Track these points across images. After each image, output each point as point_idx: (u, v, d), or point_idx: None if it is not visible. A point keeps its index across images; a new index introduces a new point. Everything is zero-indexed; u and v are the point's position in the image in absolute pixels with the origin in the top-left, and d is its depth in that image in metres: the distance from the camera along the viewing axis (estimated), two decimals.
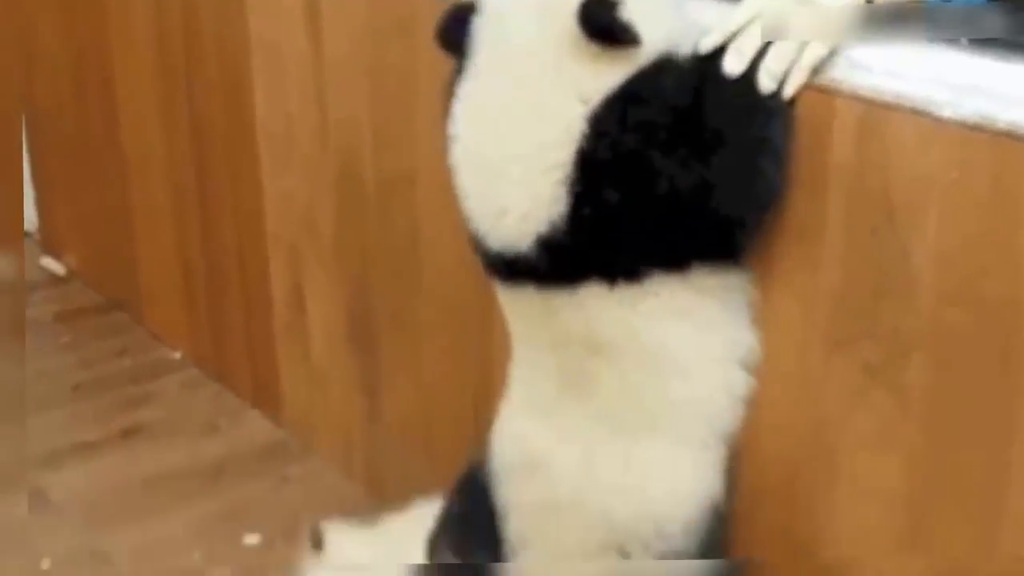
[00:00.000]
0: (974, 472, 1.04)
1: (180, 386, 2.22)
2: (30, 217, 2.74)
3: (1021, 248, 0.98)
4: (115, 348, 2.35)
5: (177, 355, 2.31)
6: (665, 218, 1.06)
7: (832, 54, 1.05)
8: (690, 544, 1.17)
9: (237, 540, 1.80)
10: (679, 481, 1.16)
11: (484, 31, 1.13)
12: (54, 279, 2.62)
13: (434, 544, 1.38)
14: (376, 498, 1.84)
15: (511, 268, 1.15)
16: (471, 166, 1.15)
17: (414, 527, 1.43)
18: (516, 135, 1.10)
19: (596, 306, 1.11)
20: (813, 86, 1.07)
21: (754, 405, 1.18)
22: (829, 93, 1.07)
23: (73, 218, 2.58)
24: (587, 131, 1.07)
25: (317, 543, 1.44)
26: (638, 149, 1.06)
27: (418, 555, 1.38)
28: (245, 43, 1.84)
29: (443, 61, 1.22)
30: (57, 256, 2.66)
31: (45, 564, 1.74)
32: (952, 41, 1.03)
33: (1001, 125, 0.97)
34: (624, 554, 1.18)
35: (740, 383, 1.15)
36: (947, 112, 1.00)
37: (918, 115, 1.02)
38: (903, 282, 1.05)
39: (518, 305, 1.20)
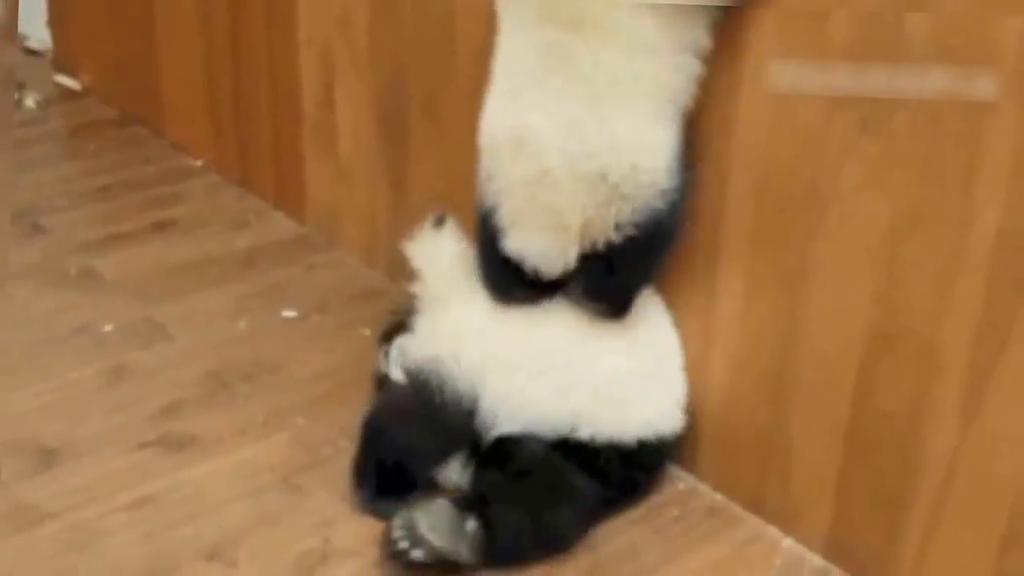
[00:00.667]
0: (945, 207, 1.30)
1: (204, 189, 2.45)
2: (43, 37, 2.94)
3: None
4: (138, 157, 2.57)
5: (199, 163, 2.53)
6: None
7: None
8: (673, 185, 1.45)
9: (276, 313, 2.04)
10: (652, 136, 1.43)
11: None
12: (71, 93, 2.82)
13: None
14: (397, 284, 2.09)
15: None
16: None
17: None
18: None
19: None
20: None
21: (756, 150, 1.45)
22: None
23: (89, 33, 2.77)
24: None
25: (440, 222, 1.68)
26: None
27: None
28: None
29: None
30: (72, 74, 2.85)
31: (107, 327, 1.98)
32: None
33: None
34: (626, 202, 1.45)
35: (694, 67, 1.42)
36: None
37: None
38: (893, 44, 1.30)
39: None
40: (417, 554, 1.45)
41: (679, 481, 1.67)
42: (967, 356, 1.32)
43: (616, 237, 1.47)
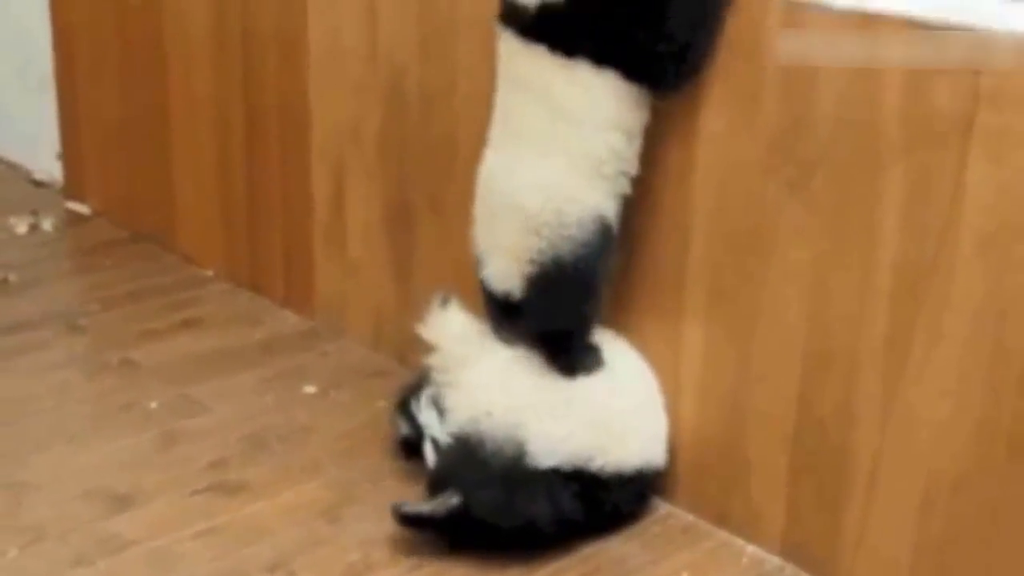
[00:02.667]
0: (854, 247, 1.83)
1: (218, 294, 2.95)
2: (50, 169, 3.46)
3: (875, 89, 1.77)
4: (153, 268, 3.07)
5: (210, 273, 3.03)
6: (627, 28, 1.87)
7: None
8: (586, 239, 1.96)
9: (298, 389, 2.53)
10: (572, 189, 1.96)
11: None
12: (81, 218, 3.33)
13: None
14: (405, 365, 2.59)
15: (509, 18, 1.95)
16: None
17: None
18: None
19: (540, 63, 1.92)
20: None
21: (709, 213, 1.99)
22: None
23: (100, 162, 3.29)
24: None
25: (445, 302, 2.16)
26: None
27: None
28: None
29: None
30: (81, 200, 3.37)
31: (152, 404, 2.47)
32: None
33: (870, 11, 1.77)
34: (541, 237, 1.96)
35: (623, 146, 1.95)
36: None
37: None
38: (810, 123, 1.85)
39: (503, 47, 1.99)
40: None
41: (659, 506, 2.16)
42: (880, 365, 1.84)
43: (529, 269, 1.99)
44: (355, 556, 2.03)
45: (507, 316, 2.09)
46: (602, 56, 1.90)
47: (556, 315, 2.05)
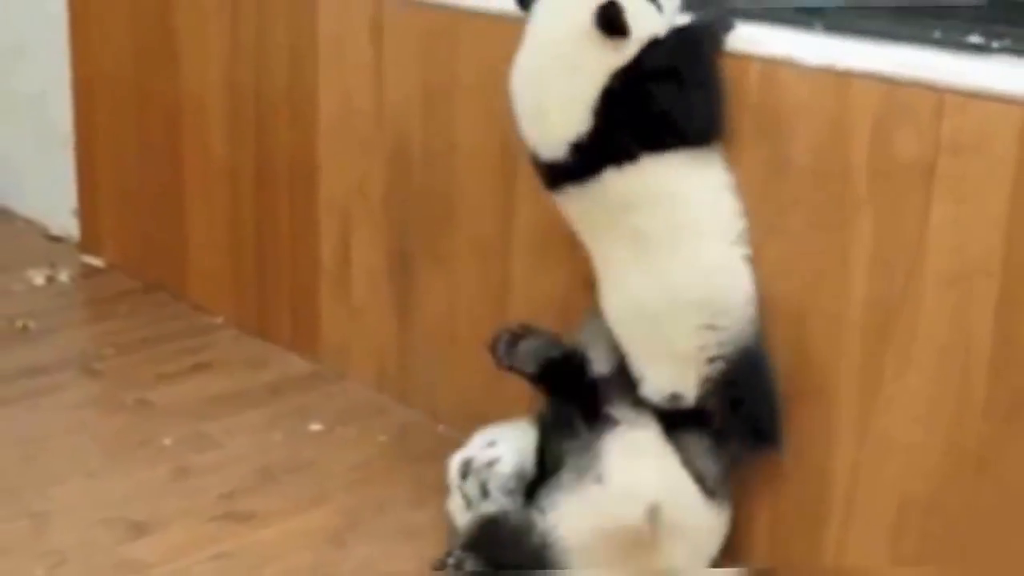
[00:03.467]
0: (830, 282, 1.95)
1: (227, 339, 3.05)
2: (65, 225, 3.57)
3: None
4: (165, 315, 3.16)
5: (219, 320, 3.13)
6: (651, 125, 1.97)
7: None
8: (745, 320, 1.98)
9: (305, 426, 2.62)
10: (723, 265, 1.99)
11: (541, 5, 2.01)
12: (96, 270, 3.44)
13: None
14: (406, 404, 2.69)
15: (554, 172, 2.02)
16: (532, 94, 2.03)
17: None
18: (558, 86, 1.99)
19: (613, 183, 1.98)
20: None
21: None
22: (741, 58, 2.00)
23: (115, 218, 3.40)
24: (610, 82, 1.95)
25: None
26: (646, 86, 1.95)
27: None
28: (313, 42, 2.71)
29: (479, 59, 2.15)
30: (96, 253, 3.48)
31: (167, 440, 2.56)
32: None
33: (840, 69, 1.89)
34: (710, 327, 1.97)
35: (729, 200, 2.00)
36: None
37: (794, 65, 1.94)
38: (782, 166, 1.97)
39: (573, 207, 2.05)
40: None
41: None
42: (855, 393, 1.95)
43: (710, 369, 2.01)
44: (366, 573, 2.13)
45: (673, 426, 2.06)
46: (653, 143, 1.97)
47: (763, 405, 2.03)
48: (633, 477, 2.04)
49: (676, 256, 1.98)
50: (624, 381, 2.07)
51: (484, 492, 2.13)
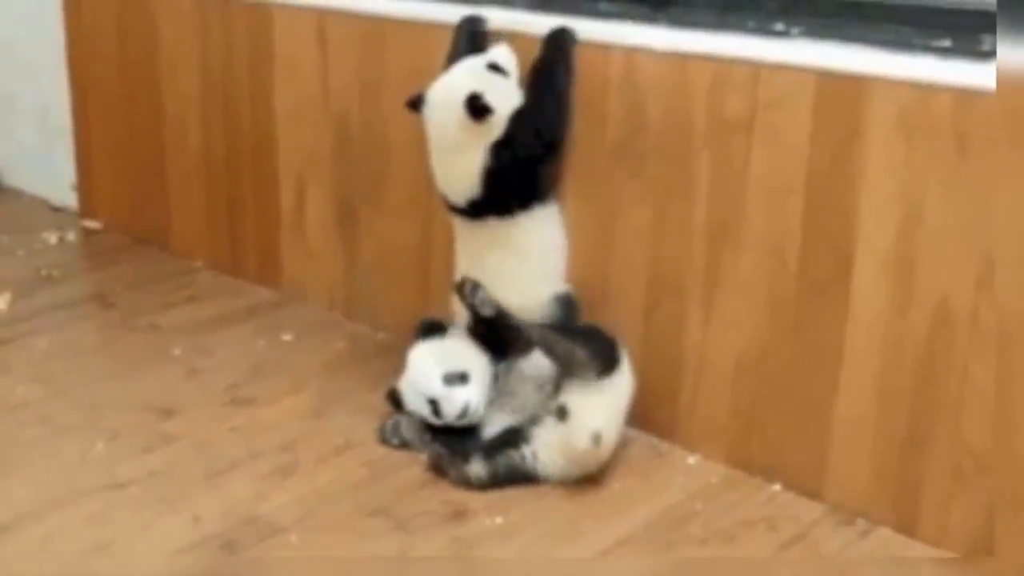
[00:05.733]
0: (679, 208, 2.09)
1: (208, 278, 3.05)
2: (64, 197, 3.54)
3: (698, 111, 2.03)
4: (156, 261, 3.15)
5: (199, 264, 3.15)
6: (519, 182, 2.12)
7: None
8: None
9: (279, 338, 2.67)
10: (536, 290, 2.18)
11: (430, 108, 2.14)
12: (94, 232, 3.42)
13: None
14: (351, 321, 2.77)
15: (458, 211, 2.18)
16: (439, 169, 2.18)
17: None
18: (452, 159, 2.14)
19: (491, 226, 2.15)
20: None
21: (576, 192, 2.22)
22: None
23: (108, 187, 3.39)
24: (488, 157, 2.09)
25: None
26: (513, 157, 2.09)
27: None
28: (270, 52, 2.76)
29: (403, 57, 2.28)
30: (92, 217, 3.47)
31: (176, 351, 2.60)
32: None
33: (681, 52, 2.03)
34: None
35: (559, 257, 2.20)
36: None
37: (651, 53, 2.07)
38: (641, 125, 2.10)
39: (459, 227, 2.23)
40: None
41: None
42: (700, 287, 2.09)
43: None
44: (339, 440, 2.21)
45: None
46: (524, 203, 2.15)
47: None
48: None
49: (515, 287, 2.16)
50: None
51: (464, 379, 2.14)
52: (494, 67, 2.14)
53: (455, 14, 2.32)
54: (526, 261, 2.18)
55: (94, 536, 1.89)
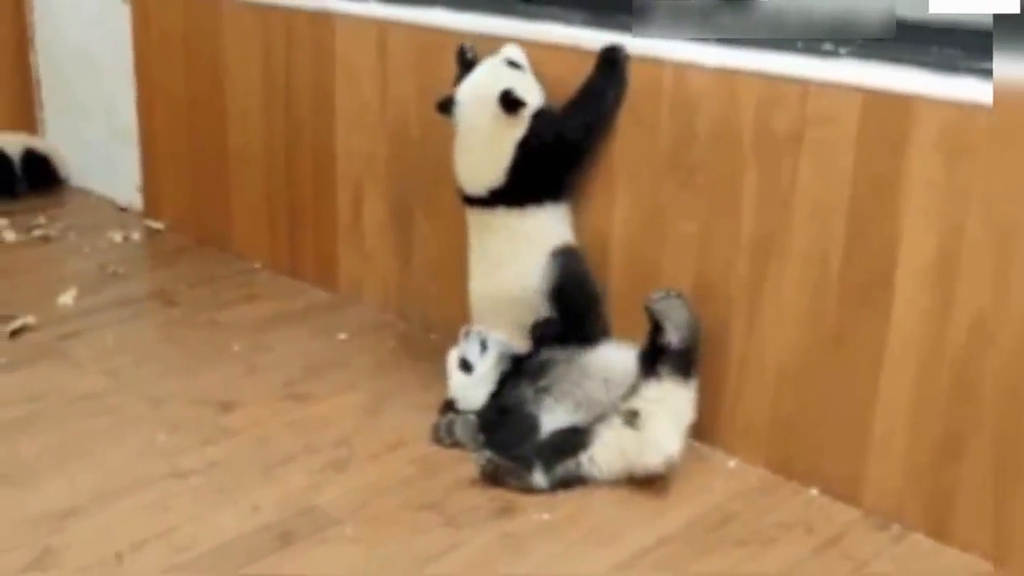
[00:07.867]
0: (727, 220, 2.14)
1: (266, 279, 3.13)
2: (129, 198, 3.65)
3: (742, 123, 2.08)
4: (216, 262, 3.24)
5: (258, 265, 3.24)
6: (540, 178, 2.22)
7: None
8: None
9: (334, 337, 2.75)
10: (535, 277, 2.27)
11: (460, 108, 2.26)
12: (157, 232, 3.52)
13: None
14: (406, 321, 2.84)
15: (472, 202, 2.29)
16: (467, 162, 2.29)
17: None
18: (482, 153, 2.24)
19: (501, 215, 2.26)
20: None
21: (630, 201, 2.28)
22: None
23: (171, 190, 3.49)
24: (516, 153, 2.19)
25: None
26: (541, 151, 2.19)
27: None
28: (331, 61, 2.84)
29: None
30: (156, 218, 3.57)
31: (236, 348, 2.69)
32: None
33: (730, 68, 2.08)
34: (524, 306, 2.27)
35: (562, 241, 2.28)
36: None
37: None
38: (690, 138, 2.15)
39: (471, 216, 2.33)
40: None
41: None
42: (745, 296, 2.14)
43: None
44: (392, 437, 2.28)
45: None
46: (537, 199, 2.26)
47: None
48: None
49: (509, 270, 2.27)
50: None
51: (483, 346, 2.27)
52: (512, 63, 2.27)
53: (508, 27, 2.41)
54: (526, 250, 2.27)
55: (156, 523, 1.97)
